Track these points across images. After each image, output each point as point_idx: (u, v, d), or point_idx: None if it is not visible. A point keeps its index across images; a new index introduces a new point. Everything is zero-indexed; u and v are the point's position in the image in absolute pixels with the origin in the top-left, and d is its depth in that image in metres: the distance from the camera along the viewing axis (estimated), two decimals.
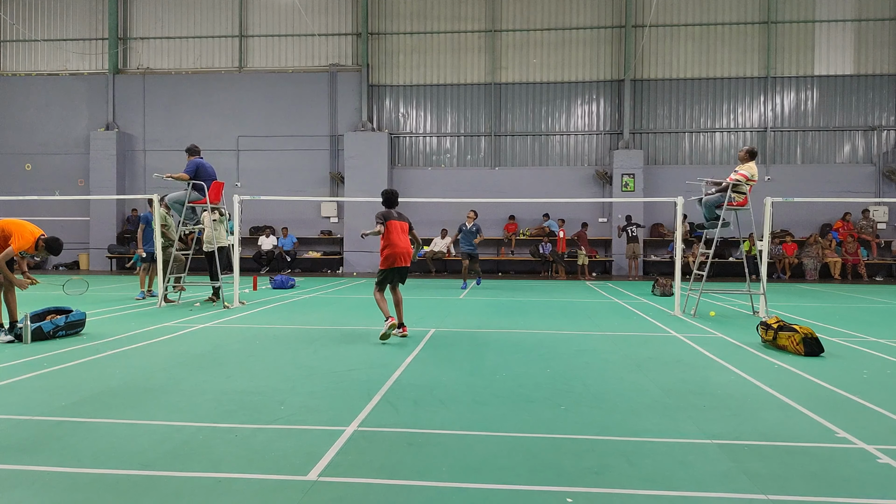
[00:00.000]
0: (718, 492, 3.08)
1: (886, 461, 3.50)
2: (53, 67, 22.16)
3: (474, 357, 6.41)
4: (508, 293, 13.62)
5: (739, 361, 6.20)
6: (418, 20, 21.00)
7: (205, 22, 21.70)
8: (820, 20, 19.80)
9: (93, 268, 21.24)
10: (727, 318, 9.53)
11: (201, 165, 10.71)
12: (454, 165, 21.09)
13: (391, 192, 7.87)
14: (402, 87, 21.15)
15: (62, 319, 7.37)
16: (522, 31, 20.68)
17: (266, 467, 3.36)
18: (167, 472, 3.30)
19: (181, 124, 21.53)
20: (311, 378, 5.44)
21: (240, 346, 6.95)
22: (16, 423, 4.13)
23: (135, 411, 4.39)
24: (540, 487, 3.13)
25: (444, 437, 3.88)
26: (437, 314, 9.89)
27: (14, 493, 3.05)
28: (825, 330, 8.25)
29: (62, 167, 21.65)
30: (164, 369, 5.75)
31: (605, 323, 9.03)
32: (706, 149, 20.38)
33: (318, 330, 8.15)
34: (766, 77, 19.93)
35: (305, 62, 21.45)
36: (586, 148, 20.73)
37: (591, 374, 5.65)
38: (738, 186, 9.56)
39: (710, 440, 3.83)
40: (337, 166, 21.18)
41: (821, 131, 19.98)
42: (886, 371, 5.87)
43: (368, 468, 3.36)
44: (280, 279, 14.83)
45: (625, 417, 4.31)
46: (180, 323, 8.71)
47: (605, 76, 20.50)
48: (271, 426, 4.08)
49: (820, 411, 4.44)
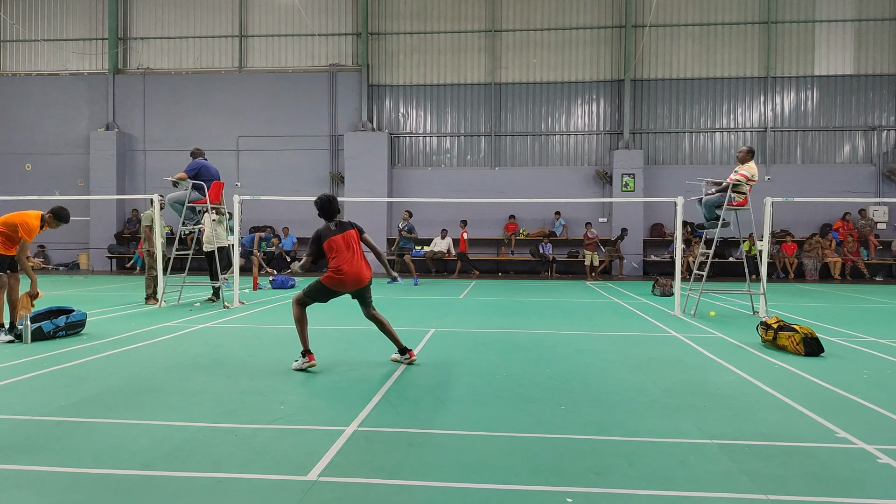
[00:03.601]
0: (718, 492, 3.08)
1: (886, 461, 3.50)
2: (53, 67, 22.15)
3: (474, 357, 6.41)
4: (508, 293, 13.62)
5: (739, 361, 6.20)
6: (418, 20, 20.99)
7: (205, 22, 21.70)
8: (820, 20, 19.79)
9: (93, 268, 21.24)
10: (727, 318, 9.52)
11: (204, 167, 10.71)
12: (454, 165, 21.08)
13: (327, 200, 6.05)
14: (402, 87, 21.15)
15: (62, 320, 7.38)
16: (522, 31, 20.68)
17: (266, 467, 3.36)
18: (167, 472, 3.30)
19: (181, 124, 21.52)
20: (311, 378, 5.44)
21: (240, 346, 6.95)
22: (16, 423, 4.13)
23: (135, 411, 4.39)
24: (540, 487, 3.13)
25: (444, 437, 3.88)
26: (437, 314, 9.89)
27: (14, 493, 3.05)
28: (825, 330, 8.25)
29: (62, 167, 21.64)
30: (164, 369, 5.75)
31: (605, 323, 9.02)
32: (706, 149, 20.37)
33: (318, 330, 8.14)
34: (766, 77, 19.93)
35: (305, 62, 21.45)
36: (586, 148, 20.73)
37: (591, 374, 5.65)
38: (738, 186, 9.56)
39: (710, 440, 3.83)
40: (337, 166, 21.18)
41: (821, 131, 19.98)
42: (886, 371, 5.87)
43: (368, 468, 3.36)
44: (280, 279, 14.83)
45: (625, 417, 4.31)
46: (180, 323, 8.71)
47: (605, 76, 20.50)
48: (271, 426, 4.08)
49: (820, 411, 4.44)
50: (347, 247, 5.95)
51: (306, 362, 5.72)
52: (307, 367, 5.71)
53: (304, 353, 5.77)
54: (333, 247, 5.94)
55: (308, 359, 5.73)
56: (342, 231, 6.00)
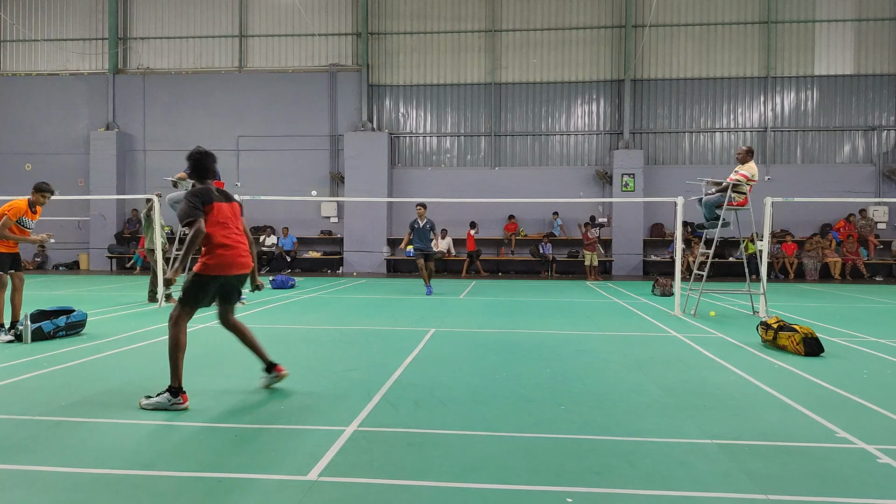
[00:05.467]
0: (718, 492, 3.08)
1: (886, 461, 3.50)
2: (53, 67, 22.15)
3: (474, 357, 6.40)
4: (508, 293, 13.61)
5: (739, 361, 6.20)
6: (418, 20, 20.99)
7: (205, 22, 21.70)
8: (820, 20, 19.79)
9: (93, 268, 21.25)
10: (727, 318, 9.52)
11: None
12: (454, 165, 21.08)
13: (203, 154, 4.84)
14: (402, 87, 21.15)
15: (62, 320, 7.37)
16: (522, 31, 20.68)
17: (266, 467, 3.36)
18: (167, 472, 3.30)
19: (181, 124, 21.52)
20: (311, 378, 5.44)
21: (240, 346, 6.93)
22: (16, 423, 4.13)
23: (135, 411, 4.39)
24: (540, 487, 3.13)
25: (444, 437, 3.88)
26: (437, 314, 9.89)
27: (14, 493, 3.05)
28: (825, 330, 8.24)
29: (62, 167, 21.62)
30: (164, 369, 5.72)
31: (605, 323, 9.02)
32: (706, 149, 20.37)
33: (318, 330, 8.15)
34: (766, 77, 19.93)
35: (305, 62, 21.44)
36: (586, 148, 20.73)
37: (591, 374, 5.65)
38: (738, 186, 9.56)
39: (710, 440, 3.83)
40: (337, 166, 21.17)
41: (821, 131, 19.98)
42: (886, 371, 5.87)
43: (368, 468, 3.36)
44: (280, 279, 14.82)
45: (625, 417, 4.31)
46: None
47: (605, 76, 20.50)
48: (271, 426, 4.08)
49: (820, 411, 4.44)
50: (234, 214, 4.79)
51: (178, 403, 4.37)
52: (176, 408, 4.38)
53: (177, 390, 4.41)
54: (220, 213, 4.62)
55: (182, 399, 4.40)
56: (229, 201, 4.82)
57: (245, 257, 4.75)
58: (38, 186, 7.75)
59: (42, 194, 7.71)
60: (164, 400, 4.39)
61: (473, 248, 19.51)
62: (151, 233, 11.46)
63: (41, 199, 7.71)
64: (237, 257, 4.68)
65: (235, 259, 4.66)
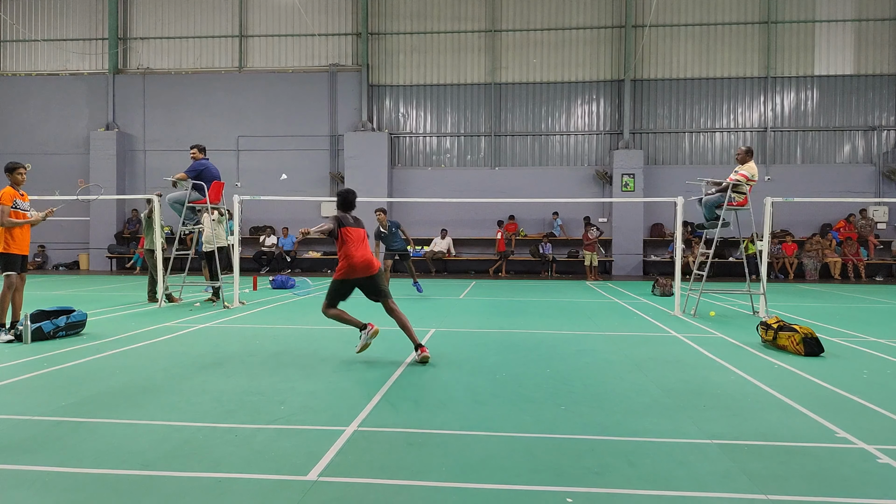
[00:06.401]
0: (718, 492, 3.08)
1: (886, 461, 3.50)
2: (53, 67, 22.15)
3: (474, 357, 6.41)
4: (508, 293, 13.61)
5: (739, 361, 6.20)
6: (418, 20, 20.99)
7: (205, 22, 21.70)
8: (820, 20, 19.80)
9: (93, 268, 21.24)
10: (727, 318, 9.52)
11: (206, 168, 10.69)
12: (454, 165, 21.08)
13: (349, 192, 6.61)
14: (402, 87, 21.15)
15: (62, 320, 7.38)
16: (522, 31, 20.67)
17: (266, 467, 3.36)
18: (167, 472, 3.30)
19: (181, 124, 21.52)
20: (311, 378, 5.44)
21: (240, 346, 6.95)
22: (16, 423, 4.13)
23: (135, 411, 4.39)
24: (540, 487, 3.13)
25: (444, 437, 3.88)
26: (437, 314, 9.89)
27: (14, 493, 3.05)
28: (825, 330, 8.24)
29: (62, 167, 21.58)
30: (164, 369, 5.75)
31: (605, 323, 9.02)
32: (706, 149, 20.37)
33: (318, 330, 8.14)
34: (766, 77, 19.93)
35: (305, 62, 21.44)
36: (586, 148, 20.73)
37: (591, 374, 5.65)
38: (738, 186, 9.56)
39: (710, 440, 3.83)
40: (337, 166, 21.17)
41: (821, 131, 19.98)
42: (886, 371, 5.87)
43: (368, 468, 3.36)
44: (280, 279, 14.82)
45: (625, 417, 4.31)
46: (180, 323, 8.71)
47: (605, 76, 20.50)
48: (271, 426, 4.08)
49: (820, 411, 4.44)
50: (359, 238, 6.41)
51: (368, 330, 6.23)
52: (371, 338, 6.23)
53: (362, 327, 6.27)
54: (347, 237, 6.32)
55: (369, 326, 6.27)
56: (357, 226, 6.49)
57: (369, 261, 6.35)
58: (8, 167, 7.63)
59: (16, 172, 7.60)
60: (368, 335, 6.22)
61: (503, 248, 19.30)
62: (151, 234, 11.46)
63: (18, 177, 7.62)
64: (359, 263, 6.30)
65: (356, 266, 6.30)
